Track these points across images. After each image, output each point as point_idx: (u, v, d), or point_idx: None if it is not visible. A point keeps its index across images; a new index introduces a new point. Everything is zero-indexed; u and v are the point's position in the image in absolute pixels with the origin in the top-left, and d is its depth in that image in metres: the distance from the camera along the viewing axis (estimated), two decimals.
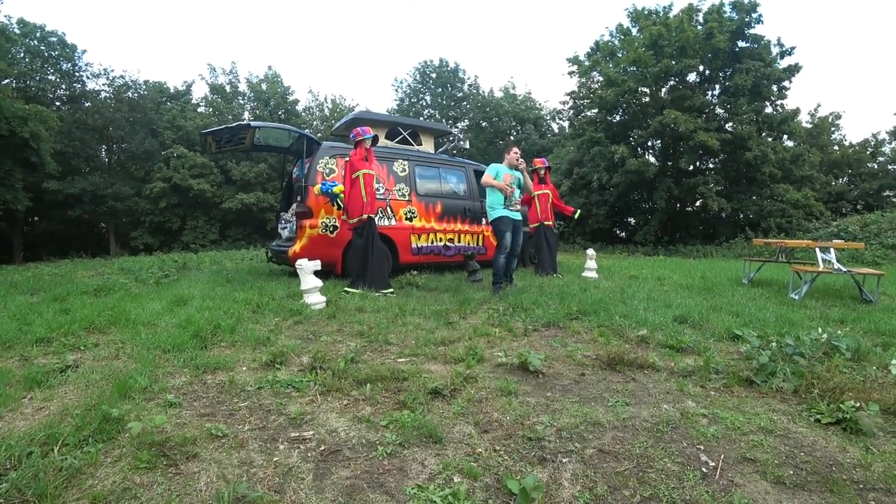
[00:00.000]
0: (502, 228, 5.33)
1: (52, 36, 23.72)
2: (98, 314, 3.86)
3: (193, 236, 24.11)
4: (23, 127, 16.33)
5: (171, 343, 3.02)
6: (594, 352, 3.06)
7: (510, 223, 5.36)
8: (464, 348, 3.05)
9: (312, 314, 4.06)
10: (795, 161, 17.39)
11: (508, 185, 5.35)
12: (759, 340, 3.04)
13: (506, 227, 5.33)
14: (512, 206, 5.43)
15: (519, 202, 5.57)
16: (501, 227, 5.34)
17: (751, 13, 17.07)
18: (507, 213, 5.37)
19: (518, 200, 5.55)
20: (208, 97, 27.98)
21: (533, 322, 3.88)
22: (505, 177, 5.40)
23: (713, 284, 6.16)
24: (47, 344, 3.20)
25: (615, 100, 17.76)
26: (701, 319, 3.92)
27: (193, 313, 3.84)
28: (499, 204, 5.39)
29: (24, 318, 3.84)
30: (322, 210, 6.00)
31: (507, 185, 5.34)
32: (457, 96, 30.00)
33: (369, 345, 3.24)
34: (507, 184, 5.34)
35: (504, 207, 5.38)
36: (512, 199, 5.43)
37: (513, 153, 5.53)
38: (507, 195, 5.32)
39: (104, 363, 2.81)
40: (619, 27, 19.82)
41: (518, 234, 5.48)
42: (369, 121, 7.19)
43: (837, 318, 4.21)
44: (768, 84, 16.89)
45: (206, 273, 7.75)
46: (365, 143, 5.36)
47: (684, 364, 2.81)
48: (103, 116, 23.89)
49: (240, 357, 2.91)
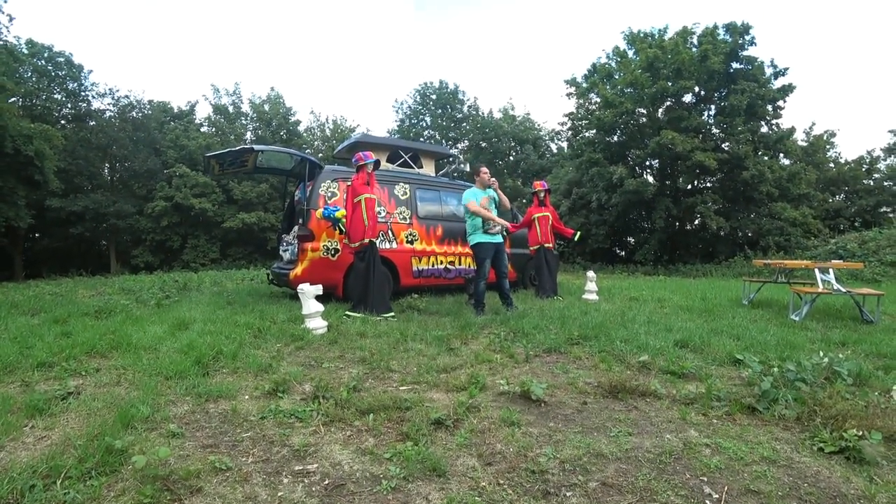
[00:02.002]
0: (482, 255, 5.43)
1: (60, 56, 24.13)
2: (99, 338, 3.87)
3: (194, 255, 24.13)
4: (28, 145, 16.49)
5: (173, 369, 3.02)
6: (596, 379, 3.06)
7: (491, 248, 5.44)
8: (466, 376, 3.05)
9: (314, 339, 4.07)
10: (792, 179, 17.55)
11: (485, 207, 5.45)
12: (760, 365, 3.04)
13: (485, 253, 5.42)
14: (491, 230, 5.48)
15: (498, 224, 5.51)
16: (481, 255, 5.44)
17: (744, 35, 17.44)
18: (485, 238, 5.45)
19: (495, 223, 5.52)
20: (211, 117, 28.31)
21: (534, 347, 3.88)
22: (482, 200, 5.49)
23: (714, 306, 6.17)
24: (49, 369, 3.21)
25: (613, 121, 18.00)
26: (702, 343, 3.92)
27: (195, 338, 3.85)
28: (477, 229, 5.48)
29: (25, 341, 3.84)
30: (324, 233, 6.05)
31: (485, 207, 5.44)
32: (456, 117, 30.38)
33: (371, 372, 3.24)
34: (485, 206, 5.45)
35: (482, 232, 5.46)
36: (489, 223, 5.48)
37: (483, 173, 5.62)
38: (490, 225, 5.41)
39: (106, 390, 2.81)
40: (616, 49, 20.21)
41: (501, 256, 5.56)
42: (371, 144, 7.29)
43: (839, 340, 4.22)
44: (763, 104, 17.16)
45: (206, 294, 7.76)
46: (367, 167, 5.43)
47: (686, 391, 2.81)
48: (107, 135, 24.16)
49: (242, 384, 2.91)
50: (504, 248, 5.63)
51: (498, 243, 5.52)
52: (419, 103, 30.55)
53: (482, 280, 5.48)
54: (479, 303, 5.50)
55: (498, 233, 5.53)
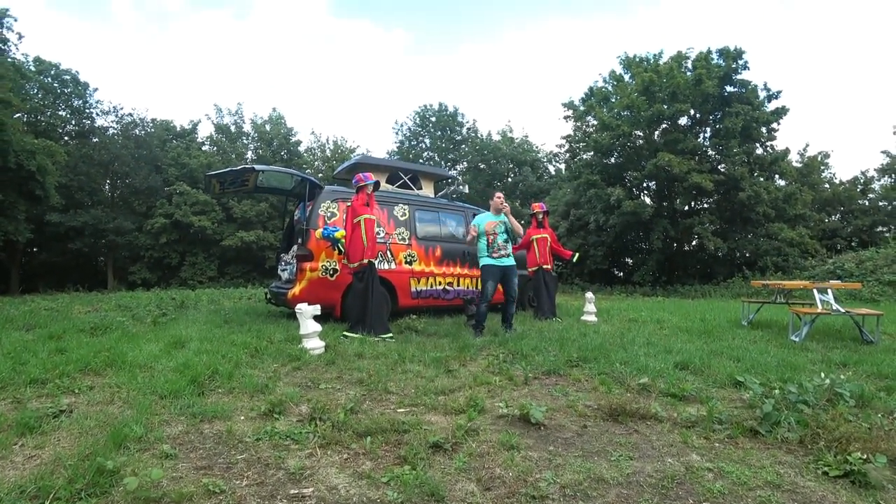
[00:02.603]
0: (485, 277, 5.45)
1: (66, 74, 24.49)
2: (94, 355, 3.83)
3: (192, 272, 24.06)
4: (30, 160, 16.57)
5: (168, 388, 2.98)
6: (596, 401, 3.03)
7: (496, 271, 5.45)
8: (464, 398, 3.02)
9: (311, 360, 4.03)
10: (788, 200, 17.70)
11: (492, 231, 5.48)
12: (761, 387, 3.02)
13: (490, 275, 5.43)
14: (495, 253, 5.49)
15: (506, 247, 5.58)
16: (485, 276, 5.45)
17: (737, 60, 17.80)
18: (491, 261, 5.46)
19: (504, 245, 5.58)
20: (213, 136, 28.59)
21: (533, 370, 3.85)
22: (487, 224, 5.53)
23: (713, 327, 6.15)
24: (41, 385, 3.17)
25: (610, 143, 18.24)
26: (702, 365, 3.89)
27: (191, 356, 3.81)
28: (483, 251, 5.51)
29: (18, 357, 3.80)
30: (322, 253, 6.05)
31: (491, 231, 5.48)
32: (456, 139, 30.74)
33: (369, 393, 3.20)
34: (491, 230, 5.48)
35: (487, 255, 5.47)
36: (495, 245, 5.50)
37: (496, 198, 5.69)
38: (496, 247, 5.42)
39: (99, 408, 2.77)
40: (612, 73, 20.60)
41: (512, 280, 5.53)
42: (371, 166, 7.35)
43: (839, 360, 4.20)
44: (757, 126, 17.44)
45: (203, 313, 7.71)
46: (367, 188, 5.47)
47: (687, 414, 2.78)
48: (110, 152, 24.34)
49: (237, 405, 2.87)
50: (514, 271, 5.58)
51: (505, 266, 5.49)
52: (419, 125, 30.94)
53: (484, 302, 5.46)
54: (478, 324, 5.48)
55: (505, 255, 5.53)
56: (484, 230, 5.52)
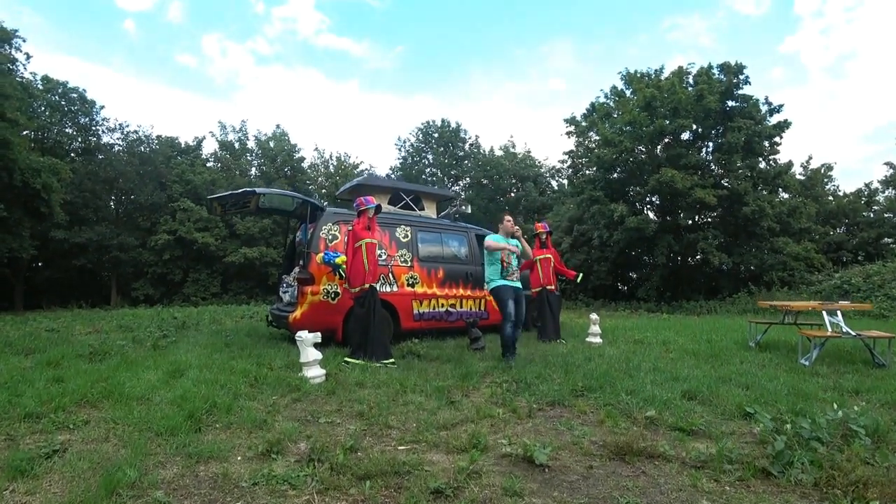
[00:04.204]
0: (503, 297, 5.28)
1: (73, 92, 24.84)
2: (91, 385, 3.79)
3: (195, 289, 24.05)
4: (36, 178, 16.71)
5: (165, 425, 2.92)
6: (602, 437, 2.95)
7: (511, 290, 5.32)
8: (467, 435, 2.94)
9: (311, 389, 3.97)
10: (793, 214, 17.62)
11: (507, 254, 5.40)
12: (772, 422, 2.93)
13: (507, 294, 5.28)
14: (510, 276, 5.39)
15: (518, 271, 5.55)
16: (503, 296, 5.28)
17: (738, 75, 17.88)
18: (504, 282, 5.35)
19: (516, 269, 5.53)
20: (217, 153, 28.82)
21: (537, 400, 3.77)
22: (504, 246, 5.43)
23: (720, 350, 6.04)
24: (36, 420, 3.12)
25: (612, 159, 18.24)
26: (710, 394, 3.81)
27: (189, 387, 3.76)
28: (496, 275, 5.39)
29: (14, 388, 3.76)
30: (324, 276, 6.01)
31: (505, 254, 5.39)
32: (458, 155, 30.85)
33: (369, 428, 3.13)
34: (505, 255, 5.39)
35: (501, 278, 5.36)
36: (509, 269, 5.40)
37: (507, 222, 5.58)
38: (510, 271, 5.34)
39: (93, 446, 2.71)
40: (614, 89, 20.70)
41: (520, 304, 5.42)
42: (373, 187, 7.36)
43: (851, 387, 4.09)
44: (760, 140, 17.42)
45: (204, 334, 7.67)
46: (368, 212, 5.45)
47: (696, 452, 2.69)
48: (115, 169, 24.53)
49: (235, 443, 2.80)
50: (523, 295, 5.50)
51: (517, 288, 5.40)
52: (421, 141, 31.12)
53: (508, 322, 5.25)
54: (507, 347, 5.30)
55: (517, 279, 5.45)
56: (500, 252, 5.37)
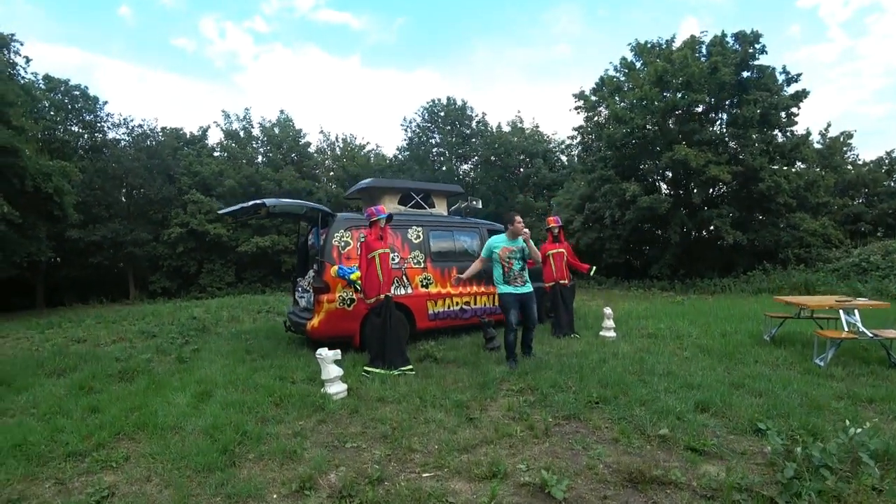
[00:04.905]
0: (507, 306, 5.31)
1: (76, 90, 24.91)
2: (125, 416, 3.97)
3: (210, 279, 24.53)
4: (47, 182, 16.94)
5: (201, 462, 3.08)
6: (616, 458, 3.06)
7: (515, 300, 5.33)
8: (487, 460, 3.06)
9: (335, 408, 4.12)
10: (810, 188, 17.28)
11: (507, 258, 5.36)
12: (782, 442, 3.00)
13: (510, 304, 5.30)
14: (514, 281, 5.36)
15: (522, 275, 5.43)
16: (506, 305, 5.32)
17: (754, 44, 17.27)
18: (509, 289, 5.34)
19: (520, 272, 5.42)
20: (223, 142, 28.85)
21: (553, 413, 3.88)
22: (502, 251, 5.37)
23: (734, 346, 6.06)
24: (80, 459, 3.30)
25: (623, 136, 17.91)
26: (723, 405, 3.87)
27: (219, 413, 3.93)
28: (500, 279, 5.40)
29: (54, 422, 3.93)
30: (339, 284, 6.11)
31: (506, 258, 5.35)
32: (465, 133, 30.51)
33: (393, 453, 3.27)
34: (506, 257, 5.35)
35: (504, 283, 5.36)
36: (511, 275, 5.36)
37: (517, 223, 5.38)
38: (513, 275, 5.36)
39: (138, 488, 2.88)
40: (623, 61, 20.17)
41: (532, 307, 5.46)
42: (382, 188, 7.38)
43: (866, 396, 4.09)
44: (776, 112, 16.91)
45: (225, 338, 7.88)
46: (379, 223, 5.50)
47: (707, 478, 2.77)
48: (123, 165, 24.77)
49: (269, 477, 2.95)
50: (533, 298, 5.48)
51: (523, 294, 5.37)
52: (427, 121, 30.77)
53: (511, 332, 5.34)
54: (510, 354, 5.41)
55: (524, 283, 5.40)
56: (498, 257, 5.36)
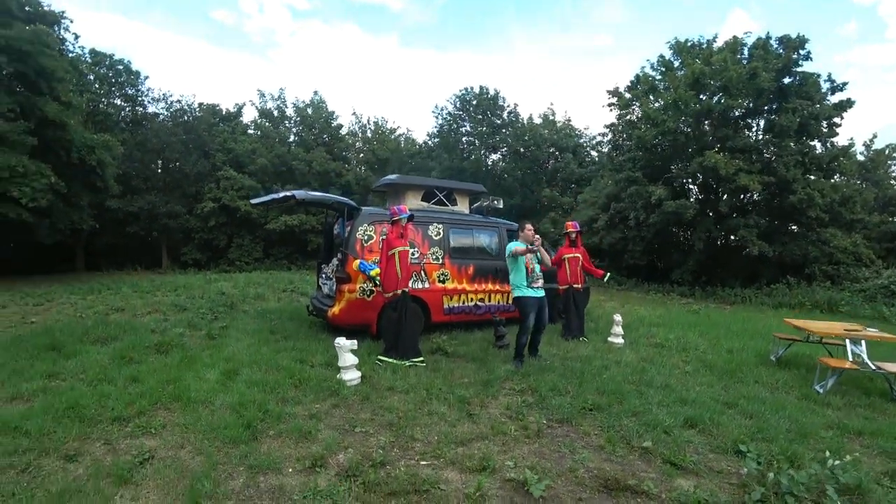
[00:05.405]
0: (526, 310, 5.55)
1: (119, 64, 25.92)
2: (162, 388, 4.44)
3: (239, 254, 25.43)
4: (91, 155, 17.89)
5: (228, 435, 3.50)
6: (598, 465, 3.32)
7: (534, 303, 5.60)
8: (480, 454, 3.38)
9: (348, 393, 4.50)
10: (845, 203, 16.72)
11: (528, 260, 5.64)
12: (758, 466, 3.20)
13: (530, 308, 5.55)
14: (535, 284, 5.64)
15: (541, 277, 5.74)
16: (526, 309, 5.56)
17: (798, 50, 16.67)
18: (529, 292, 5.60)
19: (540, 275, 5.74)
20: (257, 121, 29.54)
21: (548, 416, 4.17)
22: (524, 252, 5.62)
23: (739, 363, 6.16)
24: (124, 424, 3.76)
25: (654, 139, 17.64)
26: (711, 423, 4.05)
27: (244, 391, 4.36)
28: (522, 282, 5.63)
29: (100, 389, 4.39)
30: (360, 276, 6.47)
31: (528, 261, 5.63)
32: (496, 123, 30.41)
33: (397, 440, 3.62)
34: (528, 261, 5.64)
35: (527, 286, 5.62)
36: (534, 276, 5.66)
37: (528, 230, 5.72)
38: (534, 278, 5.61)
39: (174, 453, 3.32)
40: (661, 59, 19.79)
41: (545, 310, 5.73)
42: (407, 185, 7.67)
43: (856, 428, 4.16)
44: (817, 123, 16.35)
45: (251, 317, 8.39)
46: (401, 222, 5.81)
47: (679, 492, 2.98)
48: (161, 139, 25.72)
49: (285, 453, 3.35)
50: (546, 302, 5.75)
51: (541, 298, 5.65)
52: (459, 109, 30.77)
53: (525, 335, 5.61)
54: (519, 353, 5.69)
55: (541, 287, 5.68)
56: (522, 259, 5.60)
